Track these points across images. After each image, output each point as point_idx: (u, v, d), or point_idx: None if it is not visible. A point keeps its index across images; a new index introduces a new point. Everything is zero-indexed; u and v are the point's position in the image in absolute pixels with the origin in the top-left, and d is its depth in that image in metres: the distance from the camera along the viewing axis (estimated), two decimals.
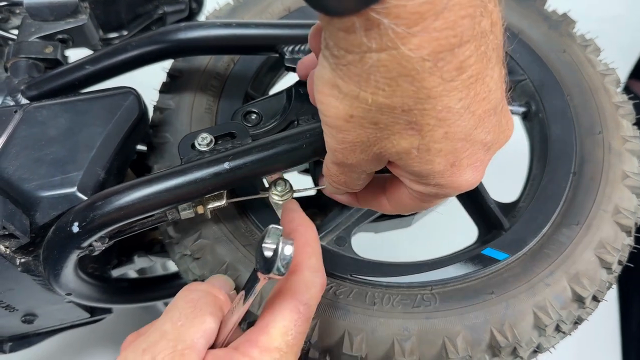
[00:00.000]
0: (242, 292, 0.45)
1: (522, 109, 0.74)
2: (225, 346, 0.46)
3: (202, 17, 0.93)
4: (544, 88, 0.72)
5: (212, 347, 0.45)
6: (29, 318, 0.71)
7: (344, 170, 0.47)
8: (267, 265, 0.42)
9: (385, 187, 0.52)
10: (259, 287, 0.44)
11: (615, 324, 1.34)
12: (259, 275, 0.43)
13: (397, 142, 0.40)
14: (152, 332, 0.44)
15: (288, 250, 0.42)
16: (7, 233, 0.55)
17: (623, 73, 0.82)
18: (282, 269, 0.41)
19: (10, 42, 0.85)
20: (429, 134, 0.39)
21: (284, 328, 0.45)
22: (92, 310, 0.74)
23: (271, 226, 0.43)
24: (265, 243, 0.42)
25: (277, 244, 0.41)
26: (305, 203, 0.75)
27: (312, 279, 0.48)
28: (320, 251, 0.52)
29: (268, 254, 0.42)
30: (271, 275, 0.42)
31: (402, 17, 0.32)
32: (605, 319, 1.17)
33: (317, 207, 0.76)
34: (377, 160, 0.43)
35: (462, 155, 0.41)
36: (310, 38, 0.50)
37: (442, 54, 0.34)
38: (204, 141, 0.58)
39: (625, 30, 1.57)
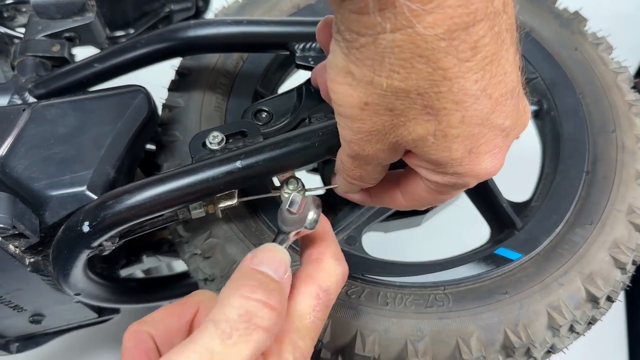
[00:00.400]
0: None
1: (533, 107, 0.73)
2: None
3: (209, 15, 0.92)
4: (556, 86, 0.71)
5: None
6: (36, 318, 0.70)
7: (360, 163, 0.46)
8: (299, 219, 0.46)
9: (399, 182, 0.51)
10: (286, 246, 0.47)
11: (622, 324, 1.34)
12: (290, 235, 0.47)
13: (413, 128, 0.39)
14: (198, 344, 0.38)
15: (318, 204, 0.47)
16: (16, 232, 0.54)
17: (632, 72, 0.81)
18: (315, 220, 0.46)
19: (16, 41, 0.84)
20: (446, 119, 0.38)
21: (302, 310, 0.44)
22: (100, 311, 0.73)
23: (293, 193, 0.49)
24: (292, 205, 0.48)
25: (306, 201, 0.47)
26: None
27: (334, 266, 0.47)
28: (338, 243, 0.52)
29: (298, 209, 0.47)
30: (304, 227, 0.46)
31: None
32: (612, 318, 1.16)
33: (326, 206, 0.75)
34: (394, 150, 0.42)
35: (480, 141, 0.40)
36: (319, 32, 0.49)
37: (457, 32, 0.34)
38: (215, 140, 0.58)
39: (633, 29, 1.57)
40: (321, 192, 0.74)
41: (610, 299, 0.62)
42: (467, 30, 0.34)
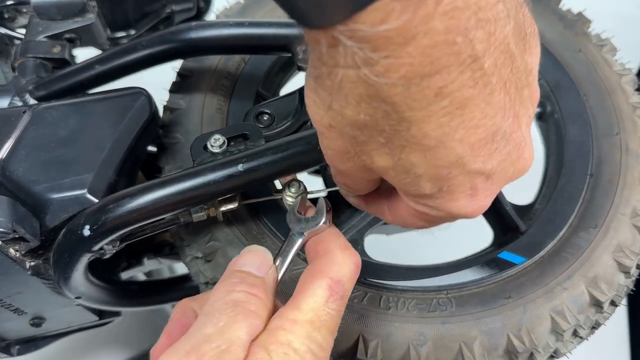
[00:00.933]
0: (277, 261, 0.48)
1: (536, 110, 0.72)
2: None
3: (211, 16, 0.92)
4: (560, 88, 0.71)
5: None
6: (37, 321, 0.70)
7: (343, 174, 0.45)
8: (309, 222, 0.49)
9: (389, 197, 0.50)
10: (298, 247, 0.49)
11: (624, 328, 1.34)
12: (303, 234, 0.49)
13: (375, 159, 0.38)
14: (193, 334, 0.41)
15: (328, 206, 0.49)
16: (17, 236, 0.54)
17: (635, 73, 0.80)
18: (325, 222, 0.48)
19: (17, 42, 0.84)
20: (405, 156, 0.36)
21: (315, 303, 0.43)
22: (100, 313, 0.73)
23: (300, 196, 0.52)
24: (302, 208, 0.50)
25: (319, 201, 0.49)
26: None
27: (344, 257, 0.47)
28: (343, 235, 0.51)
29: (307, 212, 0.50)
30: (313, 230, 0.48)
31: (366, 40, 0.30)
32: (614, 322, 1.16)
33: None
34: (366, 171, 0.41)
35: (451, 182, 0.38)
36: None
37: (415, 79, 0.32)
38: (216, 142, 0.57)
39: (637, 30, 1.56)
40: (323, 194, 0.73)
41: (614, 303, 0.61)
42: (428, 78, 0.32)
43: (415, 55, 0.31)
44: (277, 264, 0.48)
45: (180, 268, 0.99)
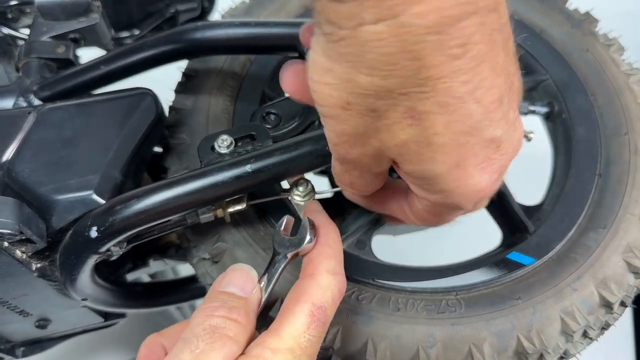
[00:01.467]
0: (263, 281, 0.49)
1: (544, 109, 0.72)
2: None
3: (216, 16, 0.91)
4: (567, 88, 0.71)
5: None
6: (42, 323, 0.70)
7: (347, 168, 0.44)
8: (295, 241, 0.49)
9: (407, 195, 0.49)
10: (283, 267, 0.49)
11: (628, 326, 1.33)
12: (287, 255, 0.49)
13: (395, 133, 0.36)
14: None
15: (312, 225, 0.50)
16: (23, 238, 0.53)
17: None
18: (310, 242, 0.49)
19: (21, 42, 0.83)
20: (429, 124, 0.35)
21: (297, 331, 0.43)
22: (105, 315, 0.73)
23: (285, 216, 0.52)
24: (286, 228, 0.51)
25: (302, 221, 0.49)
26: (323, 205, 0.73)
27: (329, 282, 0.47)
28: (341, 254, 0.51)
29: (292, 231, 0.50)
30: (303, 247, 0.48)
31: None
32: (619, 321, 1.16)
33: (334, 209, 0.75)
34: (378, 157, 0.40)
35: (467, 153, 0.37)
36: (302, 34, 0.46)
37: (446, 26, 0.30)
38: (224, 143, 0.57)
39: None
40: (329, 195, 0.73)
41: (623, 304, 0.61)
42: (457, 24, 0.31)
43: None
44: (262, 284, 0.48)
45: (184, 270, 0.99)
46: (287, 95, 0.64)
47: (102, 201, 0.57)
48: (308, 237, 0.49)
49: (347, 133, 0.38)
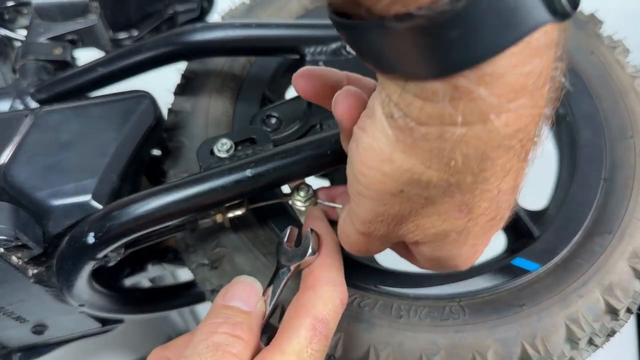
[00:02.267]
0: (268, 293, 0.48)
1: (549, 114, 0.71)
2: None
3: (215, 17, 0.90)
4: (572, 91, 0.70)
5: None
6: (39, 329, 0.69)
7: (370, 240, 0.43)
8: (298, 252, 0.49)
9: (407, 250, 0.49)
10: (287, 280, 0.49)
11: (632, 331, 1.32)
12: (289, 267, 0.48)
13: (438, 222, 0.37)
14: None
15: (316, 235, 0.50)
16: (19, 244, 0.52)
17: None
18: (314, 253, 0.48)
19: (18, 43, 0.82)
20: (474, 217, 0.36)
21: (299, 345, 0.42)
22: (103, 320, 0.72)
23: (289, 227, 0.52)
24: (290, 239, 0.51)
25: (306, 232, 0.49)
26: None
27: (330, 293, 0.46)
28: (341, 263, 0.50)
29: (296, 242, 0.50)
30: (306, 259, 0.48)
31: (498, 87, 0.28)
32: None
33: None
34: (405, 236, 0.41)
35: (487, 236, 0.40)
36: (339, 105, 0.41)
37: (522, 132, 0.31)
38: (223, 147, 0.56)
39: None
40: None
41: (629, 311, 0.60)
42: (531, 130, 0.32)
43: (529, 106, 0.30)
44: (266, 297, 0.47)
45: (184, 274, 0.98)
46: (287, 98, 0.63)
47: (100, 206, 0.56)
48: (311, 250, 0.48)
49: (388, 214, 0.38)
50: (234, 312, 0.44)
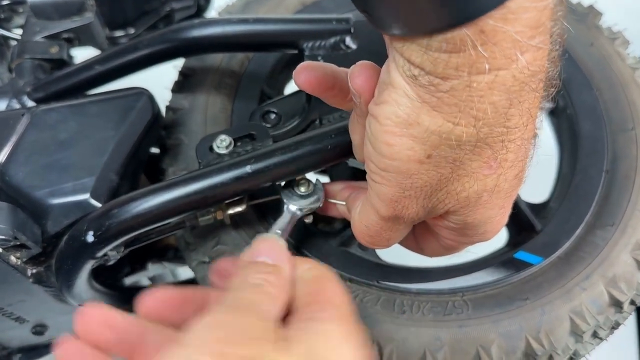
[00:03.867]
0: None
1: (549, 105, 0.71)
2: None
3: (212, 14, 0.90)
4: (572, 83, 0.69)
5: None
6: (39, 329, 0.68)
7: (393, 224, 0.42)
8: (311, 198, 0.54)
9: (414, 233, 0.49)
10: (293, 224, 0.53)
11: (632, 327, 1.32)
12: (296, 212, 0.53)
13: (469, 184, 0.36)
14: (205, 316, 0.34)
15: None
16: (18, 243, 0.52)
17: None
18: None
19: (13, 42, 0.82)
20: (503, 172, 0.36)
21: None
22: None
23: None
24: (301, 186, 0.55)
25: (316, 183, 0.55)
26: None
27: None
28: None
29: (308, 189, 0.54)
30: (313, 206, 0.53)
31: (520, 23, 0.28)
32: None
33: None
34: (435, 210, 0.39)
35: (513, 193, 0.39)
36: (356, 79, 0.39)
37: (542, 73, 0.31)
38: (222, 143, 0.55)
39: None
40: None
41: (633, 303, 0.60)
42: (547, 71, 0.32)
43: (550, 42, 0.31)
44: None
45: (184, 273, 0.98)
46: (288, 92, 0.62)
47: (98, 205, 0.55)
48: (322, 197, 0.54)
49: (416, 187, 0.37)
50: (262, 265, 0.40)
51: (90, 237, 0.51)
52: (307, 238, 0.60)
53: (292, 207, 0.54)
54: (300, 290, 0.38)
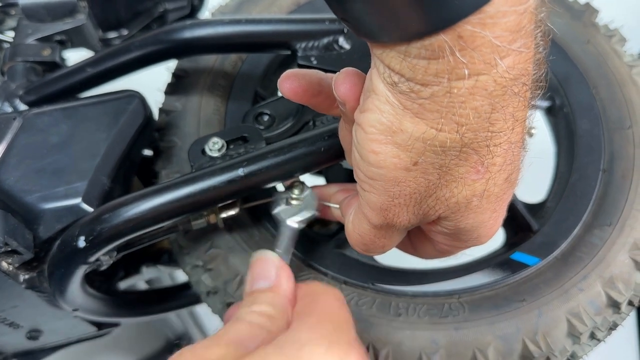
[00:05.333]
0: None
1: (545, 104, 0.70)
2: None
3: (206, 14, 0.89)
4: (569, 81, 0.69)
5: None
6: (34, 334, 0.68)
7: (386, 232, 0.42)
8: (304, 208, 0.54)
9: (409, 238, 0.49)
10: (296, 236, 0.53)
11: (632, 324, 1.32)
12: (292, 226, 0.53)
13: (457, 189, 0.36)
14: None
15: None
16: (9, 249, 0.51)
17: None
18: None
19: (5, 45, 0.81)
20: (496, 177, 0.35)
21: None
22: (99, 324, 0.71)
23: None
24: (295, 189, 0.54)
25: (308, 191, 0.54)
26: None
27: None
28: None
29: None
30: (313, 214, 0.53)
31: (499, 28, 0.28)
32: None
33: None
34: (427, 216, 0.39)
35: (505, 197, 0.39)
36: (340, 87, 0.39)
37: (523, 77, 0.31)
38: (215, 146, 0.55)
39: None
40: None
41: (631, 304, 0.59)
42: (531, 74, 0.32)
43: (531, 46, 0.30)
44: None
45: (182, 275, 0.97)
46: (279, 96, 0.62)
47: (91, 209, 0.55)
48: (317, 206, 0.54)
49: (405, 194, 0.37)
50: (259, 294, 0.41)
51: (81, 243, 0.50)
52: (303, 241, 0.60)
53: (290, 223, 0.53)
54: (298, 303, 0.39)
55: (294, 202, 0.56)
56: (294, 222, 0.53)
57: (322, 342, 0.33)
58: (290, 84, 0.46)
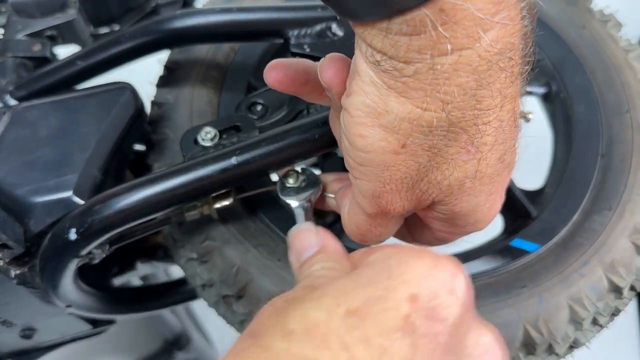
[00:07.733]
0: None
1: (542, 90, 0.69)
2: None
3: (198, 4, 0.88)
4: (565, 66, 0.68)
5: None
6: (27, 333, 0.67)
7: (382, 220, 0.41)
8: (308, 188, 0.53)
9: (407, 225, 0.47)
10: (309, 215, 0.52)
11: (633, 319, 1.31)
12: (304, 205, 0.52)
13: (449, 171, 0.35)
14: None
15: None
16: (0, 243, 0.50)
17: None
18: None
19: None
20: (483, 156, 0.34)
21: None
22: (94, 322, 0.70)
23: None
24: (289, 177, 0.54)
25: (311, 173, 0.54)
26: None
27: None
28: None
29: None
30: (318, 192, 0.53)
31: (482, 0, 0.27)
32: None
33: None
34: (421, 201, 0.38)
35: (501, 178, 0.38)
36: (325, 72, 0.39)
37: (508, 51, 0.30)
38: (207, 136, 0.54)
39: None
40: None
41: (633, 288, 0.58)
42: (518, 47, 0.31)
43: (514, 18, 0.30)
44: None
45: (177, 271, 0.96)
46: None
47: (82, 202, 0.54)
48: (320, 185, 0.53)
49: (396, 179, 0.36)
50: (308, 261, 0.38)
51: (72, 235, 0.49)
52: None
53: (297, 203, 0.52)
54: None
55: (295, 184, 0.55)
56: (303, 201, 0.52)
57: (426, 254, 0.31)
58: (276, 74, 0.45)
